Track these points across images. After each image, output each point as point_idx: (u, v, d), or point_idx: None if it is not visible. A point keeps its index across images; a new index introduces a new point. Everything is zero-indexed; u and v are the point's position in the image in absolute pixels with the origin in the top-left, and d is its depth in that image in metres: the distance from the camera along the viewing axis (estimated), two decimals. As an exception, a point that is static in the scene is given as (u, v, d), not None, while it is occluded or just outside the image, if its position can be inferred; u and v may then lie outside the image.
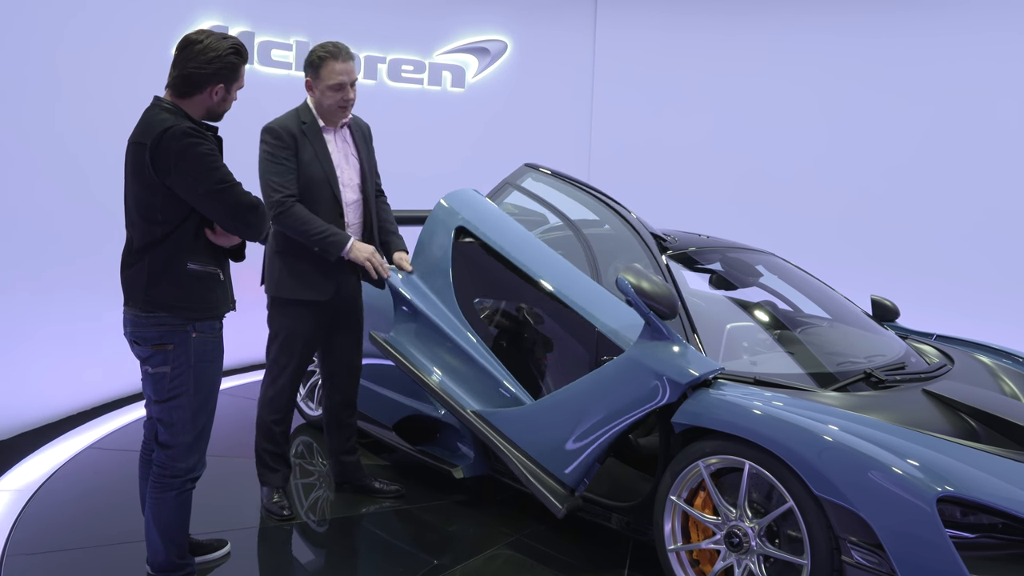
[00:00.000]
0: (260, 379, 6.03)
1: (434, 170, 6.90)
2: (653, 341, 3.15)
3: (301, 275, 3.68)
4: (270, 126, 3.65)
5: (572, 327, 3.64)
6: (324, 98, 3.64)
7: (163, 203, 2.79)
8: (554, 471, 3.32)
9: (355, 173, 3.78)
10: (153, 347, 2.86)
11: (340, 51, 3.61)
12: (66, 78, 5.04)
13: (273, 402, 3.82)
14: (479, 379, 3.70)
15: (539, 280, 3.58)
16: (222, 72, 2.83)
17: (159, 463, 2.96)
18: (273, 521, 3.76)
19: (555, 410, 3.37)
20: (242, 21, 6.16)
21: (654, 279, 3.14)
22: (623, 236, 3.77)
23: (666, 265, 3.59)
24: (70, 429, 4.94)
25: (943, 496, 2.49)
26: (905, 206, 6.74)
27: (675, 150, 7.71)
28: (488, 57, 7.48)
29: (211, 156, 2.76)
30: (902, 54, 6.72)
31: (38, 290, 4.88)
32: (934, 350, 3.97)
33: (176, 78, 2.82)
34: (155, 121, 2.77)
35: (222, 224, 2.86)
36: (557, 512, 3.25)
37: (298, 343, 3.76)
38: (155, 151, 2.71)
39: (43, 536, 3.57)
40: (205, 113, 2.88)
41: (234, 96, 2.95)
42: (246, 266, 6.22)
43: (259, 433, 3.87)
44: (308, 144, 3.62)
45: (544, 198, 4.08)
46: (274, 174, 3.57)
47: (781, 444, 2.72)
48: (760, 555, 2.85)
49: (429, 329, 3.84)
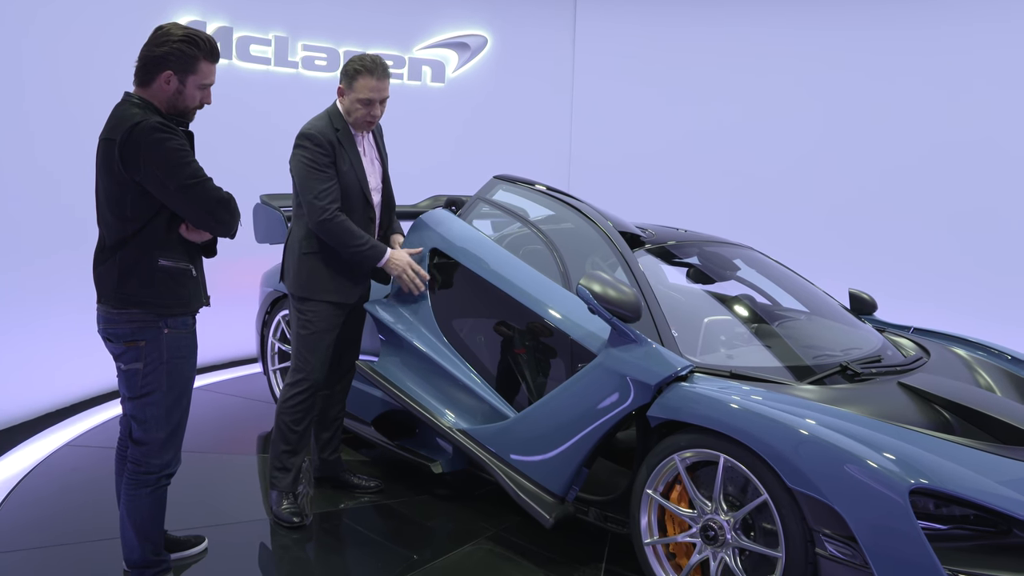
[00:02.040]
0: (241, 375, 6.11)
1: (415, 165, 6.88)
2: (620, 345, 3.18)
3: (332, 277, 3.69)
4: (310, 132, 3.60)
5: (548, 337, 3.69)
6: (352, 109, 3.64)
7: (133, 199, 2.76)
8: (541, 481, 3.35)
9: (379, 176, 3.84)
10: (126, 344, 2.85)
11: (377, 67, 3.59)
12: (36, 72, 4.97)
13: (291, 403, 3.74)
14: (463, 397, 3.75)
15: (512, 295, 3.62)
16: (170, 58, 2.75)
17: (133, 460, 2.95)
18: (281, 528, 3.69)
19: (535, 421, 3.40)
20: (220, 16, 6.12)
21: (614, 284, 3.17)
22: (591, 237, 3.79)
23: (636, 264, 3.59)
24: (47, 427, 4.91)
25: (916, 488, 2.50)
26: (885, 200, 6.79)
27: (655, 144, 7.73)
28: (468, 52, 7.47)
29: (182, 151, 2.73)
30: (885, 46, 6.76)
31: (13, 288, 4.84)
32: (911, 343, 4.00)
33: (136, 63, 2.81)
34: (125, 116, 2.74)
35: (193, 220, 2.83)
36: (545, 523, 3.27)
37: (321, 342, 3.73)
38: (124, 147, 2.69)
39: (20, 533, 3.55)
40: (167, 106, 2.82)
41: (197, 93, 2.84)
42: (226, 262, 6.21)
43: (276, 434, 3.78)
44: (344, 153, 3.64)
45: (515, 207, 4.11)
46: (318, 181, 3.56)
47: (755, 437, 2.73)
48: (735, 548, 2.86)
49: (411, 352, 3.89)
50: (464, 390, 3.74)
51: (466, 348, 3.83)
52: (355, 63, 3.60)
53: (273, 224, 4.64)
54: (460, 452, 3.84)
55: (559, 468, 3.29)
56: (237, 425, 5.12)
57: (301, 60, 6.56)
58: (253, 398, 5.56)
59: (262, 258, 5.42)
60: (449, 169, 7.08)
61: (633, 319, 3.15)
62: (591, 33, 7.96)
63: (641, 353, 3.13)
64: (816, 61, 7.03)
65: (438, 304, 3.92)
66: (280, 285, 4.59)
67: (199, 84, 2.83)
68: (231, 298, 6.10)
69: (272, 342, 5.01)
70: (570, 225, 3.92)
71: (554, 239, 3.85)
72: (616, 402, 3.11)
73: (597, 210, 3.91)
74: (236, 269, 6.17)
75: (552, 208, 4.04)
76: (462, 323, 3.92)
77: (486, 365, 3.79)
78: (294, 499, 3.76)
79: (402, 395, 3.86)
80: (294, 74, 6.54)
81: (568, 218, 3.93)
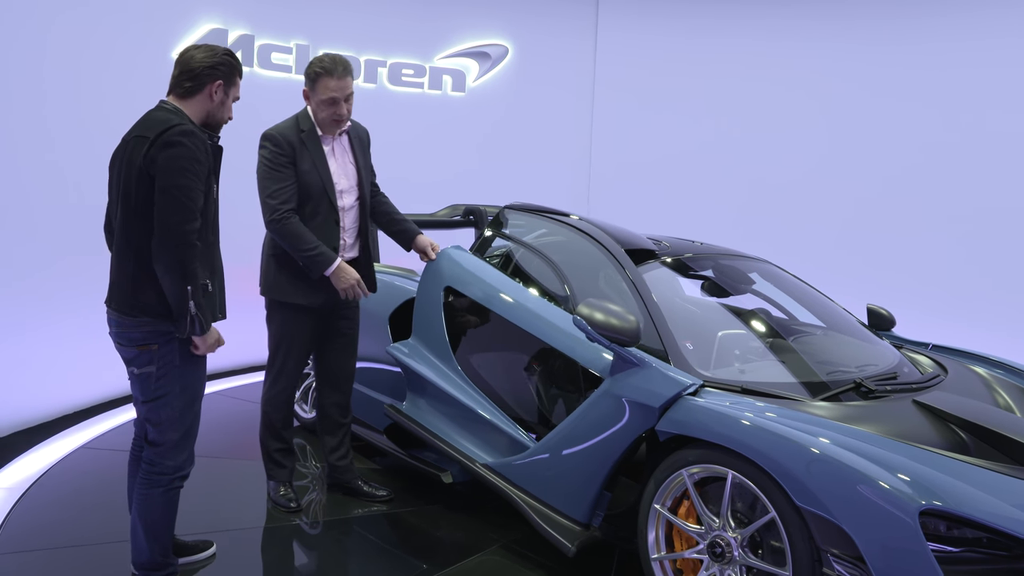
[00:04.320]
0: (259, 381, 6.12)
1: (434, 175, 6.91)
2: (623, 370, 3.18)
3: (294, 279, 3.73)
4: (270, 133, 3.68)
5: (560, 366, 3.71)
6: (318, 110, 3.67)
7: (145, 194, 2.78)
8: (564, 510, 3.35)
9: (352, 179, 3.83)
10: (138, 347, 2.87)
11: (336, 66, 3.61)
12: (55, 77, 5.02)
13: (274, 401, 3.91)
14: (486, 432, 3.77)
15: (523, 327, 3.64)
16: (220, 69, 2.89)
17: (148, 460, 2.99)
18: (280, 513, 3.86)
19: (551, 451, 3.41)
20: (242, 24, 6.17)
21: (610, 309, 3.16)
22: (598, 258, 3.81)
23: (642, 281, 3.57)
24: (62, 429, 4.96)
25: (926, 509, 2.46)
26: (905, 215, 6.71)
27: (675, 156, 7.70)
28: (489, 61, 7.48)
29: (192, 161, 2.75)
30: (904, 60, 6.70)
31: (30, 290, 4.89)
32: (928, 360, 3.94)
33: (178, 76, 2.90)
34: (158, 119, 2.82)
35: (156, 228, 2.75)
36: (567, 551, 3.25)
37: (293, 345, 3.83)
38: (154, 143, 2.74)
39: (31, 535, 3.58)
40: (205, 116, 2.92)
41: (230, 105, 2.99)
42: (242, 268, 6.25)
43: (264, 430, 3.95)
44: (307, 152, 3.66)
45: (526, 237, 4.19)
46: (272, 181, 3.62)
47: (763, 454, 2.70)
48: (743, 565, 2.82)
49: (434, 392, 3.95)
50: (486, 424, 3.76)
51: (485, 382, 3.87)
52: (315, 65, 3.65)
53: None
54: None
55: (579, 495, 3.29)
56: (250, 430, 5.10)
57: (323, 68, 6.59)
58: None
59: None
60: (469, 178, 7.09)
61: (631, 343, 3.14)
62: (612, 43, 7.95)
63: (643, 376, 3.12)
64: (843, 73, 6.97)
65: (455, 341, 3.97)
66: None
67: (234, 96, 2.99)
68: (245, 304, 6.14)
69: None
70: (577, 247, 3.94)
71: (560, 262, 3.89)
72: (624, 428, 3.12)
73: (603, 229, 3.91)
74: (251, 275, 6.21)
75: (559, 233, 4.07)
76: (479, 358, 3.97)
77: (505, 398, 3.81)
78: (290, 486, 3.97)
79: (431, 436, 3.92)
80: (315, 82, 6.56)
81: (575, 240, 3.95)
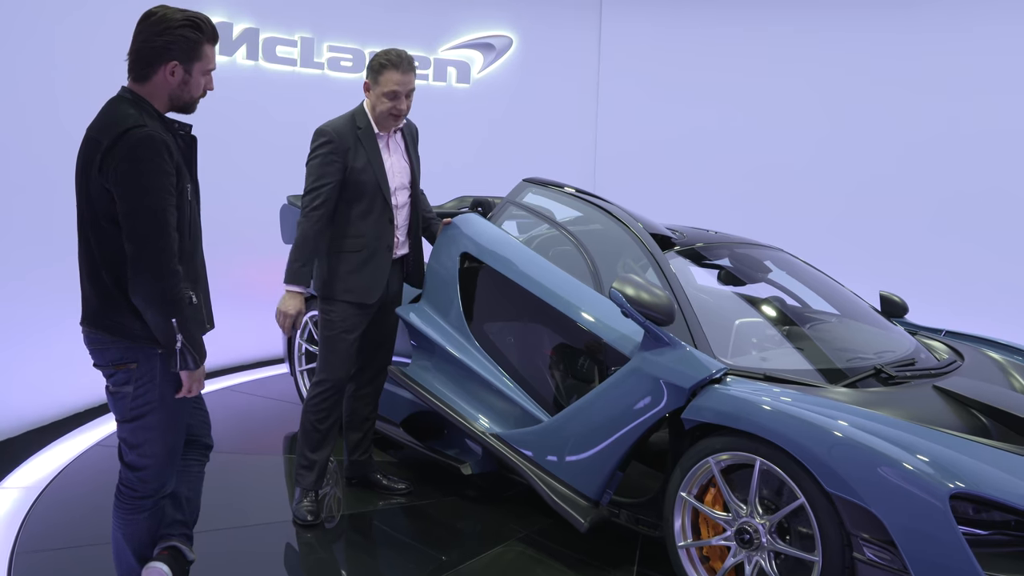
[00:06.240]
0: (268, 375, 6.13)
1: (440, 165, 6.87)
2: (653, 348, 3.17)
3: (351, 277, 3.70)
4: (324, 129, 3.65)
5: (580, 341, 3.67)
6: (378, 103, 3.66)
7: (105, 206, 2.44)
8: (575, 485, 3.35)
9: (406, 177, 3.83)
10: (115, 366, 2.55)
11: (402, 61, 3.62)
12: (65, 75, 4.97)
13: (315, 402, 3.77)
14: (495, 401, 3.75)
15: (543, 298, 3.61)
16: (175, 47, 2.47)
17: (128, 484, 2.66)
18: (296, 525, 3.72)
19: (569, 425, 3.40)
20: (247, 17, 6.15)
21: (647, 287, 3.15)
22: (622, 239, 3.78)
23: (668, 266, 3.57)
24: (77, 427, 4.95)
25: (956, 493, 2.47)
26: (914, 201, 6.72)
27: (682, 146, 7.69)
28: (493, 53, 7.46)
29: (156, 175, 2.40)
30: (914, 50, 6.69)
31: (44, 286, 4.87)
32: (943, 346, 3.95)
33: (129, 57, 2.51)
34: (117, 116, 2.45)
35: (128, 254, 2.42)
36: (580, 527, 3.27)
37: (344, 343, 3.74)
38: (108, 153, 2.39)
39: (52, 533, 3.57)
40: (168, 102, 2.54)
41: (202, 80, 2.57)
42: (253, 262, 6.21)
43: (301, 432, 3.83)
44: (362, 150, 3.65)
45: (545, 210, 4.10)
46: (315, 178, 3.61)
47: (792, 440, 2.71)
48: (771, 552, 2.84)
49: (443, 357, 3.90)
50: (496, 394, 3.74)
51: (498, 352, 3.83)
52: (380, 58, 3.64)
53: (300, 225, 4.65)
54: (489, 453, 3.83)
55: (594, 472, 3.29)
56: (264, 426, 5.14)
57: (327, 61, 6.57)
58: (280, 399, 5.58)
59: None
60: (475, 170, 7.07)
61: (666, 322, 3.14)
62: (616, 34, 7.93)
63: (675, 356, 3.11)
64: (849, 61, 6.96)
65: (469, 308, 3.92)
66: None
67: (203, 70, 2.56)
68: (258, 298, 6.14)
69: (299, 342, 5.02)
70: (600, 227, 3.90)
71: (584, 241, 3.83)
72: (650, 405, 3.10)
73: (627, 212, 3.90)
74: (262, 269, 6.20)
75: (582, 210, 4.02)
76: (493, 327, 3.91)
77: (518, 369, 3.77)
78: (315, 497, 3.80)
79: (434, 399, 3.87)
80: (320, 75, 6.55)
81: (598, 220, 3.91)
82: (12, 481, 4.11)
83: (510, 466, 3.59)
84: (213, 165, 5.61)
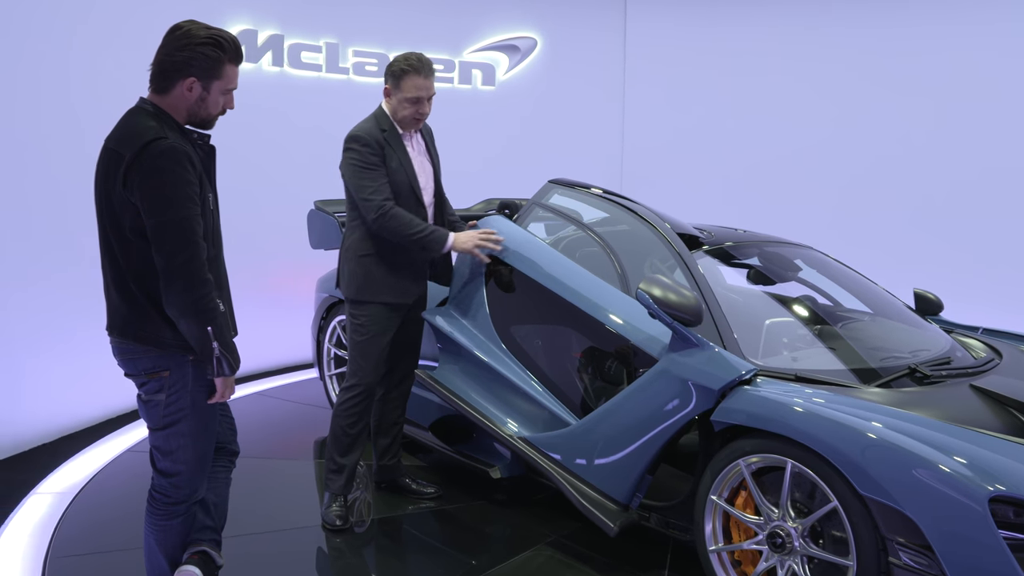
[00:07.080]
0: (297, 380, 6.16)
1: (465, 168, 6.88)
2: (681, 349, 3.13)
3: (388, 277, 3.71)
4: (357, 134, 3.64)
5: (608, 343, 3.63)
6: (400, 108, 3.66)
7: (131, 219, 2.46)
8: (604, 488, 3.33)
9: (430, 176, 3.85)
10: (148, 375, 2.59)
11: (423, 66, 3.63)
12: (81, 80, 5.00)
13: (346, 406, 3.77)
14: (523, 404, 3.74)
15: (570, 300, 3.59)
16: (194, 63, 2.49)
17: (161, 490, 2.72)
18: (325, 530, 3.73)
19: (598, 428, 3.37)
20: (272, 23, 6.18)
21: (675, 287, 3.12)
22: (649, 239, 3.74)
23: (696, 265, 3.53)
24: (110, 432, 4.99)
25: (995, 495, 2.41)
26: (949, 199, 6.60)
27: (708, 145, 7.63)
28: (518, 55, 7.45)
29: (181, 186, 2.42)
30: (946, 44, 6.58)
31: (73, 292, 4.91)
32: (980, 344, 3.87)
33: (152, 68, 2.53)
34: (138, 129, 2.46)
35: (158, 267, 2.45)
36: (609, 531, 3.23)
37: (376, 347, 3.75)
38: (131, 166, 2.41)
39: (86, 538, 3.61)
40: (187, 115, 2.56)
41: (221, 99, 2.60)
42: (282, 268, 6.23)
43: (330, 436, 3.83)
44: (393, 152, 3.66)
45: (571, 211, 4.07)
46: (369, 179, 3.59)
47: (824, 442, 2.66)
48: (804, 556, 2.79)
49: (470, 360, 3.89)
50: (524, 397, 3.72)
51: (525, 354, 3.81)
52: (400, 63, 3.63)
53: (328, 230, 4.66)
54: (518, 457, 3.81)
55: (623, 475, 3.25)
56: (293, 430, 5.15)
57: (352, 66, 6.60)
58: (309, 403, 5.59)
59: (317, 264, 5.46)
60: (501, 172, 7.06)
61: (694, 323, 3.10)
62: (642, 35, 7.89)
63: (704, 357, 3.07)
64: (881, 60, 6.86)
65: (496, 310, 3.90)
66: (336, 290, 4.61)
67: (223, 89, 2.58)
68: (287, 304, 6.17)
69: (328, 347, 5.03)
70: (627, 228, 3.87)
71: (611, 242, 3.80)
72: (679, 407, 3.06)
73: (654, 212, 3.86)
74: (292, 274, 6.23)
75: (608, 211, 3.99)
76: (520, 329, 3.89)
77: (545, 371, 3.75)
78: (344, 502, 3.80)
79: (462, 403, 3.85)
80: (345, 80, 6.58)
81: (625, 221, 3.88)
82: (46, 487, 4.16)
83: (538, 470, 3.57)
84: (241, 172, 5.69)
